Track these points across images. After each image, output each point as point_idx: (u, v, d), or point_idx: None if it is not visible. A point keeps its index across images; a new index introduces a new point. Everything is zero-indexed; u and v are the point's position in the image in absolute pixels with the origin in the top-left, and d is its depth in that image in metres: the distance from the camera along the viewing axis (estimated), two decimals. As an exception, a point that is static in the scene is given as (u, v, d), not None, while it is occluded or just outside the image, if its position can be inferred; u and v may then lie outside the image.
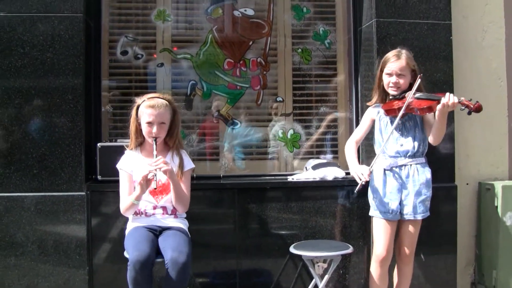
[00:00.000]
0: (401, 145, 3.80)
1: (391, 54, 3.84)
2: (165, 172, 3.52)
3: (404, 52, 3.83)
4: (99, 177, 4.22)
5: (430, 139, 3.82)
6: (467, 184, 4.87)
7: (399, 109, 3.70)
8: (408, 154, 3.79)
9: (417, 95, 3.72)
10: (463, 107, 3.57)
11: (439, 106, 3.57)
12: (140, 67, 4.86)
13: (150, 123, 3.63)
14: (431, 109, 3.65)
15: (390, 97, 3.86)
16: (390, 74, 3.81)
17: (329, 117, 5.02)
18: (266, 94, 4.98)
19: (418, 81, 3.68)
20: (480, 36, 4.93)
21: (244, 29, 4.97)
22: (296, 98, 5.02)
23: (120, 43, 4.80)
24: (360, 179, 3.66)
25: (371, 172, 3.70)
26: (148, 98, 3.71)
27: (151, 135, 3.64)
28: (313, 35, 5.05)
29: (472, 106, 3.54)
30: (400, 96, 3.81)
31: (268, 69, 4.97)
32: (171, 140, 3.80)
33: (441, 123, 3.69)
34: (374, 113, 3.96)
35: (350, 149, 3.95)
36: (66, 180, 4.12)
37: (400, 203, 3.79)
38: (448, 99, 3.54)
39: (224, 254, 4.38)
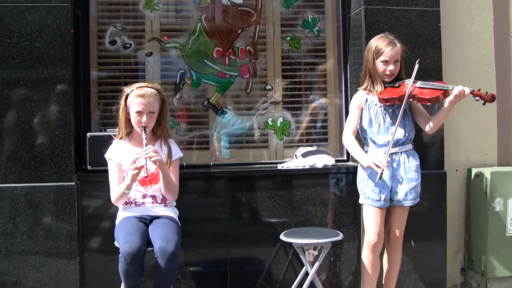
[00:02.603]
0: (392, 134, 3.80)
1: (384, 42, 3.80)
2: (154, 161, 3.52)
3: (395, 39, 3.84)
4: (89, 167, 4.22)
5: (427, 128, 3.85)
6: (457, 170, 4.90)
7: (400, 98, 3.70)
8: (399, 143, 3.81)
9: (419, 84, 3.72)
10: (477, 98, 3.58)
11: (450, 98, 3.60)
12: (129, 56, 4.83)
13: (139, 113, 3.63)
14: (438, 99, 3.66)
15: (384, 85, 3.85)
16: (387, 62, 3.79)
17: (318, 105, 5.02)
18: (256, 83, 4.98)
19: (416, 66, 3.69)
20: (469, 23, 4.93)
21: (233, 18, 4.95)
22: (285, 86, 5.01)
23: (109, 32, 4.77)
24: (379, 167, 3.65)
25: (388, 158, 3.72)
26: (137, 88, 3.70)
27: (140, 124, 3.63)
28: (302, 23, 5.04)
29: (485, 96, 3.55)
30: (396, 84, 3.81)
31: (257, 58, 4.96)
32: (159, 130, 3.80)
33: (447, 113, 3.75)
34: (362, 101, 3.93)
35: (351, 141, 3.89)
36: (55, 170, 4.11)
37: (391, 190, 3.82)
38: (459, 90, 3.56)
39: (215, 242, 4.39)
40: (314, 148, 4.77)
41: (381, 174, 3.64)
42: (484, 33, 4.96)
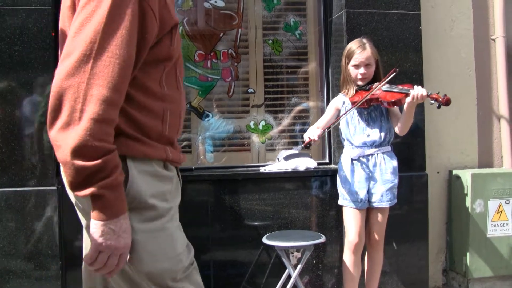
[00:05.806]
0: (368, 135, 3.84)
1: (355, 46, 3.87)
2: None
3: (367, 42, 3.88)
4: (70, 171, 4.18)
5: (397, 130, 3.89)
6: (438, 172, 4.93)
7: (367, 101, 3.75)
8: (375, 144, 3.84)
9: (385, 87, 3.76)
10: (433, 101, 3.62)
11: (408, 99, 3.62)
12: (110, 60, 4.80)
13: None
14: (400, 102, 3.70)
15: (356, 88, 3.90)
16: (357, 66, 3.85)
17: (300, 108, 5.04)
18: (238, 86, 4.98)
19: (393, 74, 3.71)
20: (449, 26, 4.97)
21: (215, 21, 4.95)
22: (267, 89, 5.02)
23: (90, 35, 4.74)
24: (309, 138, 3.72)
25: (321, 134, 3.77)
26: None
27: None
28: (284, 26, 5.05)
29: (441, 100, 3.59)
30: (367, 87, 3.85)
31: (239, 61, 4.97)
32: None
33: (409, 115, 3.76)
34: (339, 102, 3.99)
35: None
36: (37, 175, 4.07)
37: (368, 191, 3.85)
38: (417, 92, 3.59)
39: (197, 246, 4.34)
40: (296, 151, 4.77)
41: (305, 144, 3.77)
42: (464, 36, 5.00)
